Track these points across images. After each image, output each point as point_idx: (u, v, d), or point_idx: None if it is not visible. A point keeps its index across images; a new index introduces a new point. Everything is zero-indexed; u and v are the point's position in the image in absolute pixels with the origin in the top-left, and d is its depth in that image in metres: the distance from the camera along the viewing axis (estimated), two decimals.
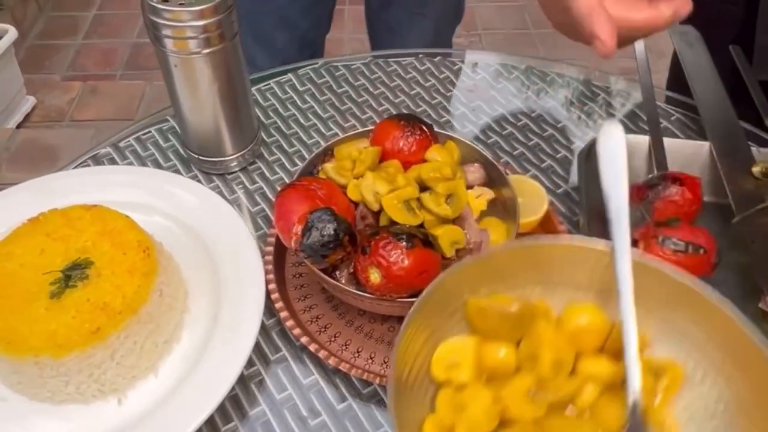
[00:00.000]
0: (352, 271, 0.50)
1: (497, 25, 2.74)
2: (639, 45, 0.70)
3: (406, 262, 0.46)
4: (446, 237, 0.50)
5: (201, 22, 0.54)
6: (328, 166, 0.55)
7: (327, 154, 0.58)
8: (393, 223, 0.50)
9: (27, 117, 2.32)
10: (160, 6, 0.53)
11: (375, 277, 0.47)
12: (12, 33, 2.21)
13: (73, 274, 0.48)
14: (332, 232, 0.47)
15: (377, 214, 0.52)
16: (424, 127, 0.56)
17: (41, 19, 2.93)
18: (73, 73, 2.75)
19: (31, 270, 0.49)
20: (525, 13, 2.88)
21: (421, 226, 0.50)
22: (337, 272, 0.51)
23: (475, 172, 0.57)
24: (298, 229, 0.48)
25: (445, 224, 0.51)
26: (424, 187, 0.52)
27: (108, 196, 0.57)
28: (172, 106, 0.63)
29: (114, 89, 2.47)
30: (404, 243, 0.47)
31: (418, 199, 0.50)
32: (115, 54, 2.85)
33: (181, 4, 0.53)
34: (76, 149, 2.03)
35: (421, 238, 0.48)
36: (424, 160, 0.55)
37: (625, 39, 0.48)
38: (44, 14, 3.01)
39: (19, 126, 2.28)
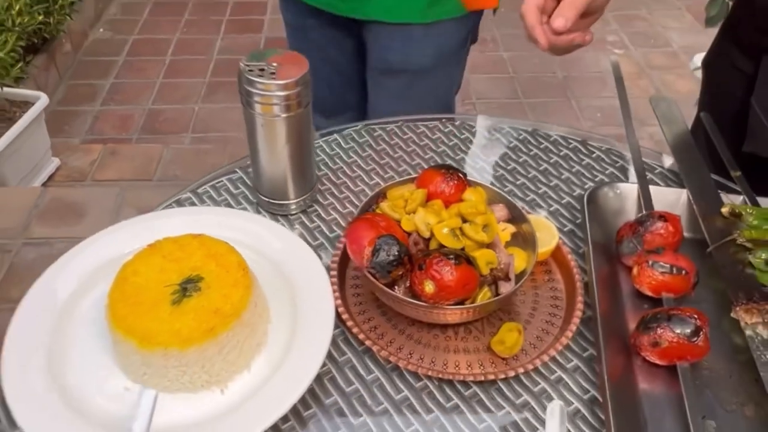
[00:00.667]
0: (408, 285, 0.63)
1: (490, 94, 2.95)
2: (627, 116, 0.85)
3: (455, 275, 0.60)
4: (483, 258, 0.63)
5: (285, 92, 0.69)
6: (384, 205, 0.69)
7: (380, 196, 0.72)
8: (441, 246, 0.63)
9: (51, 177, 2.46)
10: (254, 78, 0.68)
11: (429, 288, 0.60)
12: (43, 99, 2.37)
13: (188, 286, 0.61)
14: (396, 253, 0.61)
15: (427, 241, 0.65)
16: (460, 175, 0.70)
17: (62, 86, 3.11)
18: (91, 137, 2.91)
19: (153, 283, 0.62)
20: (515, 83, 3.10)
21: (462, 249, 0.63)
22: (396, 288, 0.64)
23: (500, 210, 0.71)
24: (368, 251, 0.61)
25: (481, 248, 0.64)
26: (463, 220, 0.65)
27: (198, 231, 0.70)
28: (250, 158, 0.77)
29: (132, 152, 2.62)
30: (453, 261, 0.60)
31: (461, 229, 0.64)
32: (131, 119, 3.01)
33: (272, 77, 0.68)
34: (101, 206, 2.16)
35: (464, 258, 0.61)
36: (461, 200, 0.68)
37: (555, 49, 0.76)
38: (64, 82, 3.19)
39: (44, 185, 2.41)
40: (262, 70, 0.68)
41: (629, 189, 0.79)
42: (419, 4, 1.05)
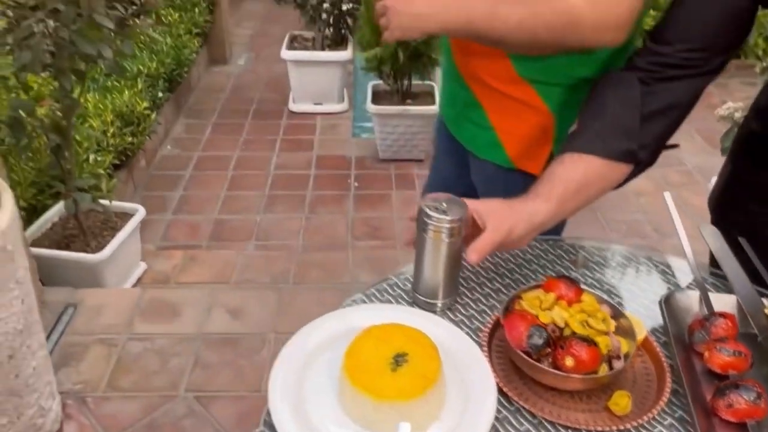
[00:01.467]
0: (550, 361, 0.89)
1: None
2: (684, 239, 1.13)
3: (588, 353, 0.86)
4: (603, 342, 0.89)
5: (450, 225, 0.97)
6: (523, 303, 0.96)
7: (515, 297, 0.99)
8: (573, 333, 0.90)
9: (139, 279, 2.73)
10: (431, 213, 0.97)
11: (569, 362, 0.86)
12: (141, 211, 2.69)
13: (399, 359, 0.87)
14: (545, 337, 0.87)
15: (561, 330, 0.91)
16: (576, 282, 0.97)
17: (136, 197, 3.45)
18: (166, 243, 3.21)
19: (373, 358, 0.87)
20: None
21: (588, 336, 0.90)
22: (540, 363, 0.89)
23: (605, 309, 0.97)
24: (524, 336, 0.88)
25: (600, 335, 0.90)
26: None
27: (386, 321, 0.97)
28: (415, 268, 1.04)
29: (210, 258, 2.90)
30: (585, 343, 0.86)
31: (587, 321, 0.91)
32: (200, 228, 3.32)
33: (443, 214, 0.97)
34: (194, 305, 2.42)
35: (592, 341, 0.87)
36: (579, 301, 0.95)
37: None
38: (139, 194, 3.54)
39: (134, 287, 2.68)
40: (436, 208, 0.98)
41: (693, 294, 1.06)
42: (479, 141, 1.35)
